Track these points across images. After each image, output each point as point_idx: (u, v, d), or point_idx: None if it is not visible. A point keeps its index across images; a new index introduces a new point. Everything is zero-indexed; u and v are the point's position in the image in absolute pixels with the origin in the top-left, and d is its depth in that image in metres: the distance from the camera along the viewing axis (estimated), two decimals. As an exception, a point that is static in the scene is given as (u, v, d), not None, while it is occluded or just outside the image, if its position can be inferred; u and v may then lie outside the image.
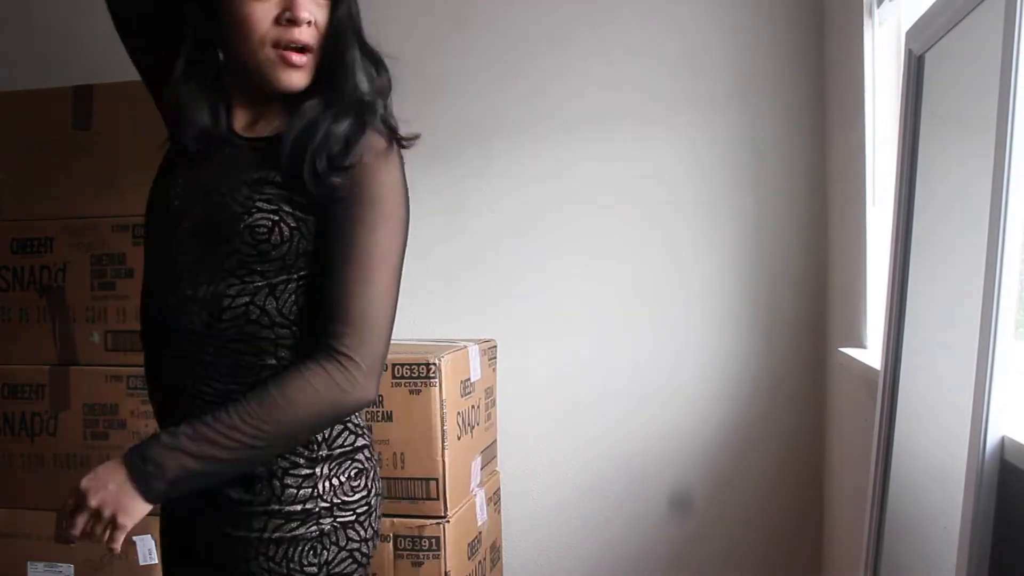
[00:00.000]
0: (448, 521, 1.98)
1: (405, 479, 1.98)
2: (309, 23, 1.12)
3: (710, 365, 2.40)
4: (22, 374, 2.13)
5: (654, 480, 2.43)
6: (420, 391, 1.97)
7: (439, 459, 1.97)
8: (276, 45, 1.12)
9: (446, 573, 1.97)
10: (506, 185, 2.49)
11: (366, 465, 1.19)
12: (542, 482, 2.50)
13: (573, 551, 2.49)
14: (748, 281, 2.38)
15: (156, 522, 1.99)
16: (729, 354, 2.39)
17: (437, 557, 1.96)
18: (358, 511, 1.16)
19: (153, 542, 2.04)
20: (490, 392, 2.35)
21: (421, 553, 1.97)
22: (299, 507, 1.12)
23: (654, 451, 2.42)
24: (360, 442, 1.19)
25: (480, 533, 2.20)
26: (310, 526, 1.12)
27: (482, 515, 2.21)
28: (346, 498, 1.15)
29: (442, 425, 1.97)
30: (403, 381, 1.97)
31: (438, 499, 1.98)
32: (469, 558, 2.11)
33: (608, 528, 2.46)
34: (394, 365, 1.97)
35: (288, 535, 1.11)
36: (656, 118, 2.41)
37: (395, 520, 1.97)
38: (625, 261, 2.44)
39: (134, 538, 2.05)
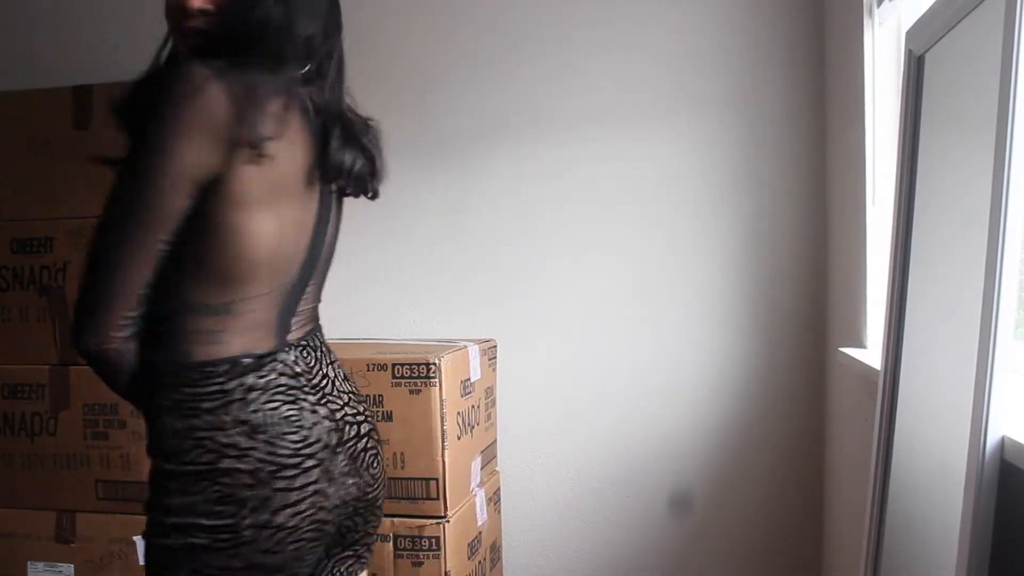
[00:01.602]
0: (448, 521, 1.98)
1: (405, 479, 1.98)
2: (200, 10, 1.12)
3: (710, 365, 2.40)
4: (22, 374, 2.13)
5: (654, 480, 2.43)
6: (420, 391, 1.97)
7: (439, 459, 1.97)
8: (176, 29, 1.17)
9: (446, 573, 1.97)
10: (506, 185, 2.49)
11: (237, 493, 1.07)
12: (542, 482, 2.50)
13: (573, 551, 2.49)
14: (748, 281, 2.38)
15: (156, 522, 2.00)
16: (729, 354, 2.39)
17: (437, 557, 1.97)
18: (219, 537, 1.07)
19: (153, 542, 2.04)
20: (490, 392, 2.35)
21: (421, 553, 1.97)
22: (154, 516, 1.11)
23: (654, 451, 2.43)
24: (227, 463, 1.07)
25: (480, 533, 2.20)
26: (161, 538, 1.10)
27: (482, 515, 2.21)
28: (201, 520, 1.07)
29: (442, 425, 1.97)
30: (403, 381, 1.97)
31: (438, 499, 1.98)
32: (469, 558, 2.11)
33: (608, 528, 2.46)
34: (394, 365, 1.97)
35: (151, 541, 1.12)
36: (656, 118, 2.41)
37: (395, 520, 1.97)
38: (625, 261, 2.44)
39: (134, 538, 2.05)
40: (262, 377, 1.12)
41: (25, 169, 2.16)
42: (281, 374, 1.14)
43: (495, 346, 2.41)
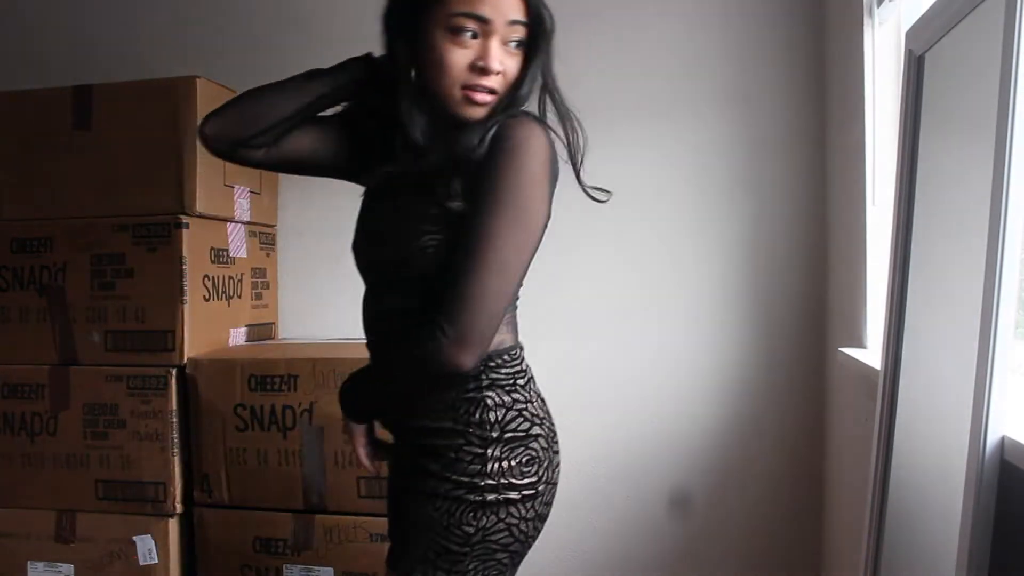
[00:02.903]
0: (448, 521, 1.98)
1: (405, 479, 1.98)
2: (498, 73, 1.27)
3: (710, 365, 2.40)
4: (22, 374, 2.13)
5: (654, 480, 2.43)
6: (420, 391, 1.96)
7: (439, 459, 1.97)
8: (464, 87, 1.26)
9: (446, 573, 1.97)
10: (506, 185, 2.49)
11: (539, 455, 1.32)
12: (542, 482, 2.49)
13: (573, 551, 2.49)
14: (748, 281, 2.38)
15: (158, 522, 2.01)
16: (729, 354, 2.39)
17: (437, 557, 1.96)
18: (525, 492, 1.30)
19: (153, 542, 2.04)
20: (490, 392, 2.34)
21: (421, 553, 1.97)
22: (467, 479, 1.27)
23: (654, 451, 2.42)
24: (536, 430, 1.33)
25: (480, 533, 2.19)
26: (476, 495, 1.26)
27: (482, 515, 2.21)
28: (514, 480, 1.28)
29: (442, 425, 1.97)
30: (403, 381, 1.97)
31: (438, 499, 1.98)
32: (469, 558, 2.11)
33: (608, 528, 2.46)
34: (394, 365, 1.97)
35: (453, 495, 1.27)
36: (656, 118, 2.41)
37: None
38: (625, 261, 2.44)
39: (134, 538, 2.05)
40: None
41: (25, 169, 2.16)
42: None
43: (495, 346, 2.40)
